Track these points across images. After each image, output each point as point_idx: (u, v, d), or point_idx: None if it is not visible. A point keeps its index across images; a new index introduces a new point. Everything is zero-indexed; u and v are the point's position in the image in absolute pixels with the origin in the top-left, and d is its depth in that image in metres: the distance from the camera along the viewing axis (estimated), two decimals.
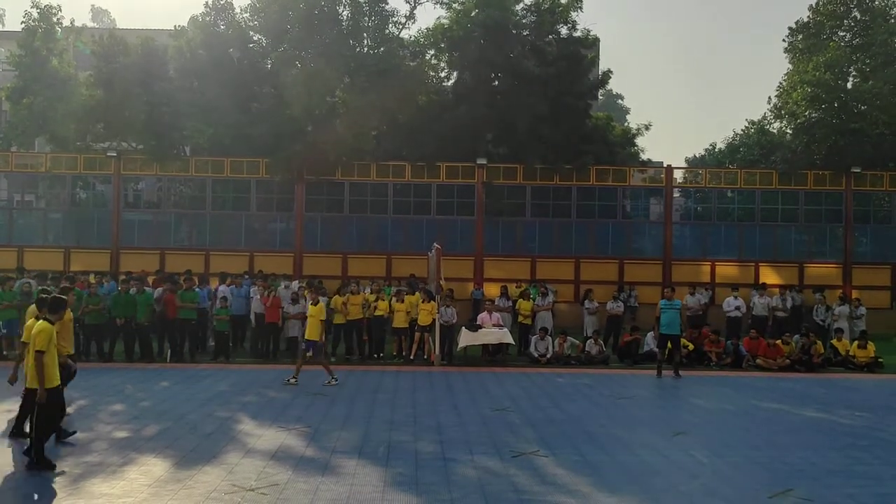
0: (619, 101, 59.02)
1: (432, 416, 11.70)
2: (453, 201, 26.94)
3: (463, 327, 18.48)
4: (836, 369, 18.36)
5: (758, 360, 18.24)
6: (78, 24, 28.80)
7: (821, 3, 30.26)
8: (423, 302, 18.22)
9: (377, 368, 16.90)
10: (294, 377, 14.44)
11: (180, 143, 26.75)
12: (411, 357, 18.18)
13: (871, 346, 18.68)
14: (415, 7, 27.42)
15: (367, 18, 26.62)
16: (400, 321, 18.53)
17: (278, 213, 26.96)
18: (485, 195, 26.63)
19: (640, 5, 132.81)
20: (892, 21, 28.36)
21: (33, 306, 9.71)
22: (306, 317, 15.27)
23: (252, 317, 18.64)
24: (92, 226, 26.83)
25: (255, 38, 26.90)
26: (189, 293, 17.87)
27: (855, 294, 25.14)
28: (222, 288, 19.28)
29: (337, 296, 18.74)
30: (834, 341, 19.54)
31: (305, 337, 15.02)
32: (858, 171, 26.79)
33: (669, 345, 16.89)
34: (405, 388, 14.44)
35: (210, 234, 26.70)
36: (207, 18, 26.22)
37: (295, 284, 20.44)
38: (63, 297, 9.34)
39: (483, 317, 18.91)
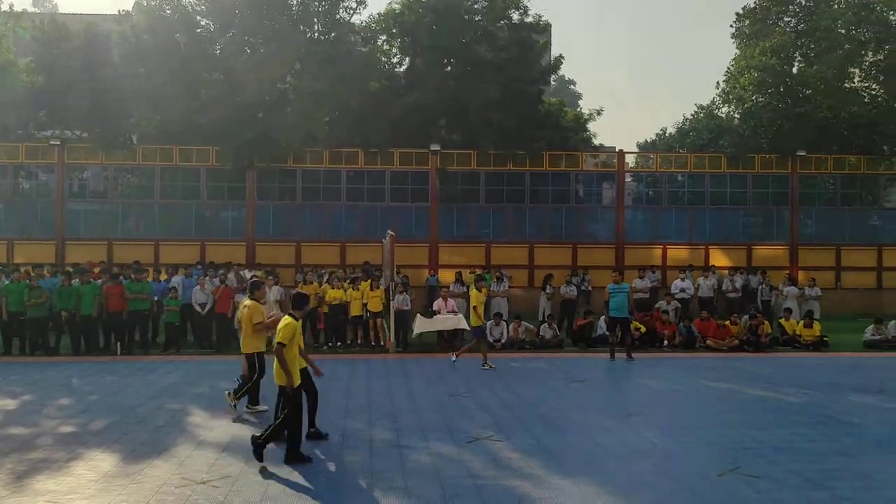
0: (572, 86, 59.49)
1: (387, 403, 11.67)
2: (407, 188, 26.84)
3: (418, 314, 18.47)
4: (784, 349, 18.82)
5: (708, 341, 18.59)
6: (18, 8, 27.84)
7: None
8: (371, 289, 18.22)
9: (332, 357, 16.78)
10: (485, 363, 15.20)
11: (127, 131, 26.11)
12: (375, 344, 18.18)
13: (816, 326, 19.17)
14: None
15: (317, 3, 26.19)
16: (356, 309, 18.43)
17: (230, 202, 26.51)
18: (439, 181, 26.58)
19: None
20: (836, 6, 29.00)
21: None
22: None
23: (197, 307, 18.19)
24: (36, 217, 26.07)
25: (203, 23, 26.29)
26: (138, 284, 17.47)
27: (803, 275, 25.80)
28: (175, 279, 18.94)
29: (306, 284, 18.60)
30: (782, 321, 20.01)
31: (472, 325, 15.81)
32: (804, 154, 27.42)
33: (619, 328, 17.09)
34: (360, 375, 14.38)
35: (159, 224, 26.15)
36: (153, 3, 25.50)
37: (247, 273, 20.14)
38: (305, 294, 9.42)
39: (438, 303, 18.89)
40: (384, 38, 28.33)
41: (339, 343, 18.31)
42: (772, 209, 27.93)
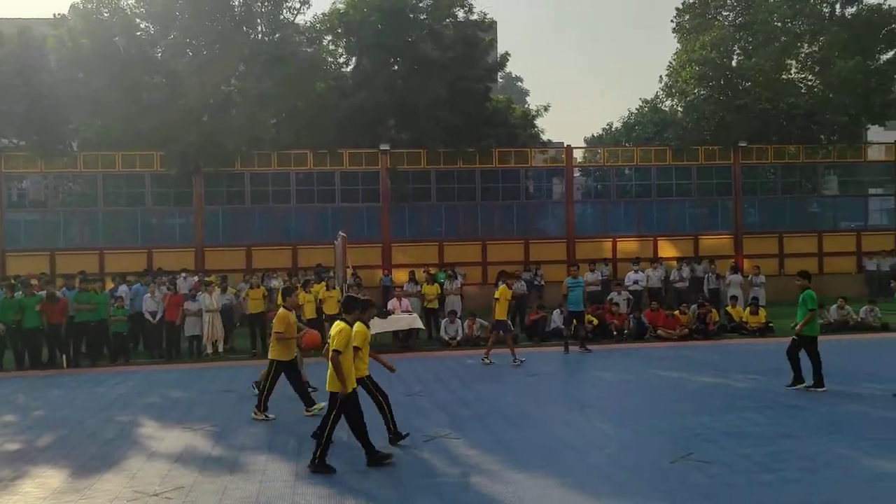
0: (519, 83, 59.89)
1: None
2: (358, 188, 26.71)
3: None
4: (731, 335, 19.28)
5: (658, 331, 18.94)
6: None
7: None
8: (326, 290, 18.07)
9: None
10: (515, 359, 15.18)
11: (66, 138, 25.37)
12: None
13: (762, 312, 19.68)
14: None
15: (260, 4, 25.89)
16: (309, 312, 18.23)
17: (176, 208, 26.01)
18: (389, 181, 26.52)
19: None
20: (772, 0, 29.77)
21: None
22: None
23: (148, 316, 17.80)
24: None
25: (143, 26, 25.75)
26: (85, 294, 17.03)
27: (748, 263, 26.45)
28: (122, 288, 18.52)
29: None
30: (729, 308, 20.49)
31: (496, 318, 15.84)
32: (745, 145, 28.10)
33: (574, 321, 17.32)
34: (316, 379, 14.22)
35: (103, 233, 25.51)
36: (89, 6, 24.88)
37: (190, 280, 19.84)
38: (355, 296, 9.14)
39: (393, 303, 18.87)
40: (329, 38, 28.18)
41: None
42: (716, 199, 28.56)
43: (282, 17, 26.31)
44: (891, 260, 27.22)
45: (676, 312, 19.37)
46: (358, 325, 8.61)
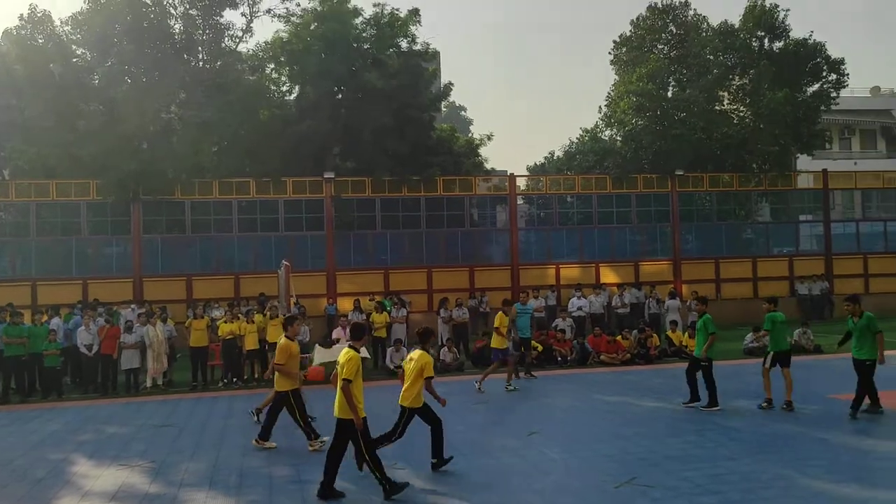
0: (462, 112, 60.56)
1: (287, 437, 11.38)
2: (302, 216, 26.51)
3: (317, 344, 18.14)
4: (672, 359, 19.62)
5: (601, 356, 19.17)
6: None
7: (641, 18, 32.44)
8: (271, 319, 17.79)
9: (227, 394, 16.26)
10: (480, 384, 15.38)
11: None
12: (265, 377, 17.68)
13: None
14: (251, 20, 26.78)
15: (201, 32, 25.71)
16: (251, 343, 17.93)
17: (113, 237, 25.39)
18: (334, 209, 26.41)
19: (479, 20, 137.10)
20: (704, 34, 30.89)
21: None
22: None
23: (83, 350, 17.17)
24: None
25: (79, 52, 25.31)
26: (15, 328, 16.39)
27: (686, 288, 27.06)
28: (55, 321, 17.87)
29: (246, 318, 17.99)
30: (669, 333, 20.89)
31: (492, 346, 15.87)
32: (682, 173, 28.92)
33: (522, 348, 17.42)
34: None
35: (36, 263, 24.67)
36: (23, 32, 24.36)
37: (130, 312, 19.32)
38: (362, 323, 9.00)
39: (338, 332, 18.66)
40: (272, 66, 28.08)
41: (235, 379, 17.75)
42: (655, 226, 29.23)
43: (223, 44, 26.17)
44: (821, 284, 28.24)
45: (618, 338, 19.65)
46: (422, 356, 8.87)
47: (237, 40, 26.72)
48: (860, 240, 30.79)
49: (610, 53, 33.21)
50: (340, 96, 27.25)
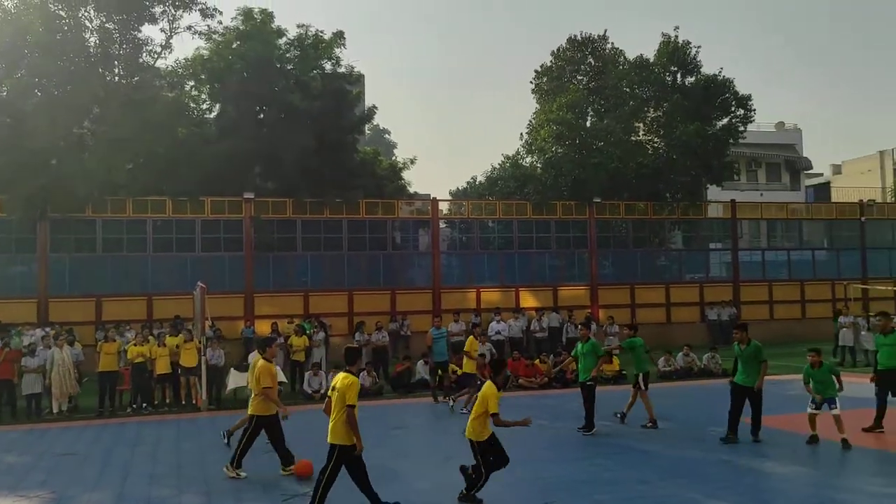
0: (386, 135, 60.69)
1: (198, 465, 11.08)
2: (220, 237, 25.96)
3: (232, 368, 17.74)
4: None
5: (520, 380, 19.39)
6: None
7: (561, 49, 33.40)
8: (185, 342, 17.31)
9: (135, 420, 15.68)
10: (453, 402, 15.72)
11: None
12: (186, 402, 17.20)
13: (615, 360, 20.59)
14: (171, 36, 26.18)
15: (118, 46, 24.99)
16: (163, 366, 17.37)
17: (18, 255, 24.23)
18: (254, 230, 25.97)
19: (404, 43, 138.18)
20: (621, 67, 32.00)
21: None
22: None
23: None
24: None
25: None
26: None
27: (603, 313, 27.72)
28: None
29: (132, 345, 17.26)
30: None
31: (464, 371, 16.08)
32: (599, 201, 29.73)
33: (440, 371, 17.46)
34: (169, 437, 13.56)
35: None
36: None
37: (37, 334, 18.47)
38: (357, 347, 8.84)
39: (254, 355, 18.25)
40: (192, 83, 27.53)
41: (144, 404, 17.14)
42: (573, 252, 29.89)
43: (141, 60, 25.49)
44: (729, 310, 29.40)
45: (536, 361, 19.94)
46: (488, 386, 8.74)
47: (156, 56, 26.07)
48: (766, 268, 32.26)
49: (531, 82, 34.00)
50: (262, 116, 26.92)
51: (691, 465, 10.36)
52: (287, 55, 27.47)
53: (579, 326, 14.22)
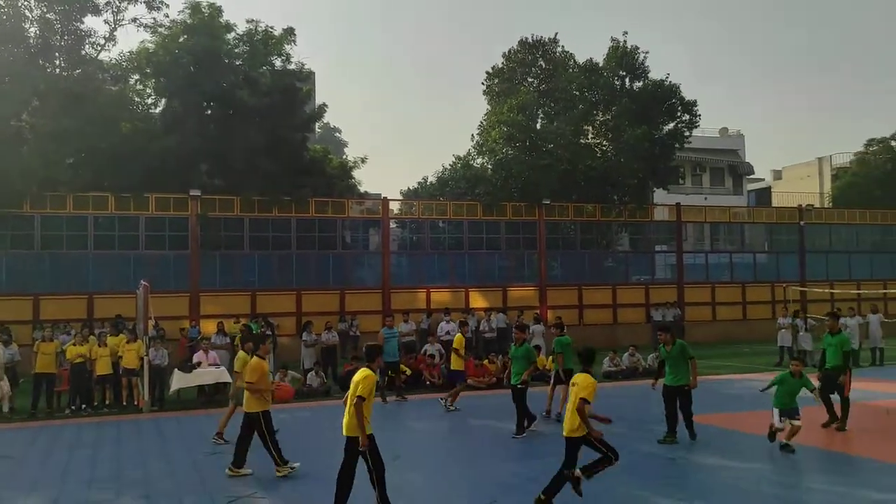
0: (337, 133, 60.29)
1: (139, 467, 10.79)
2: (165, 235, 25.41)
3: (175, 368, 17.39)
4: (536, 383, 20.10)
5: (468, 380, 19.40)
6: None
7: (512, 51, 33.63)
8: (127, 342, 16.87)
9: (74, 422, 15.22)
10: (448, 404, 15.57)
11: None
12: (128, 403, 16.74)
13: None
14: (115, 28, 25.56)
15: (59, 38, 24.28)
16: (103, 367, 16.89)
17: None
18: (200, 228, 25.49)
19: (356, 42, 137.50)
20: (571, 71, 32.38)
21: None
22: None
23: None
24: None
25: None
26: None
27: (551, 313, 27.97)
28: None
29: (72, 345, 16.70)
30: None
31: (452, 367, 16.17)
32: (548, 203, 30.01)
33: (390, 372, 17.40)
34: (109, 439, 13.19)
35: None
36: None
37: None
38: (377, 344, 8.90)
39: (199, 355, 17.94)
40: (137, 77, 26.90)
41: (84, 405, 16.64)
42: (523, 253, 30.12)
43: (83, 52, 24.82)
44: (674, 311, 29.97)
45: (485, 361, 20.00)
46: (586, 378, 8.39)
47: (99, 48, 25.45)
48: (709, 270, 33.00)
49: (483, 84, 34.15)
50: (210, 112, 26.46)
51: (638, 463, 10.50)
52: (236, 50, 27.06)
53: (514, 330, 14.19)
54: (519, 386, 12.89)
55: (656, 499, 8.72)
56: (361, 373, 8.22)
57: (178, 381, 16.89)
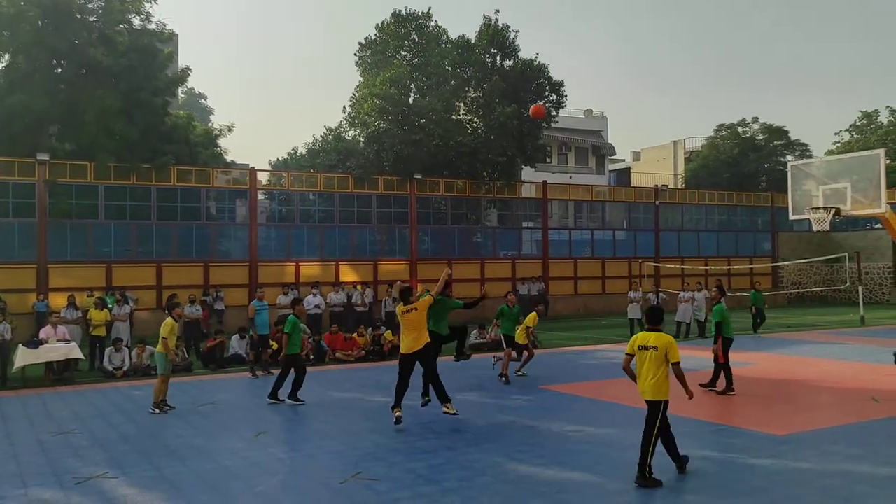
0: (203, 100, 57.81)
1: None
2: (8, 201, 23.59)
3: (20, 345, 16.24)
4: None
5: (337, 353, 19.34)
6: None
7: (385, 23, 33.31)
8: None
9: None
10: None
11: None
12: None
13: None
14: None
15: None
16: None
17: None
18: (48, 195, 23.80)
19: (224, 5, 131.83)
20: (444, 46, 32.48)
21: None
22: None
23: None
24: None
25: None
26: None
27: (420, 287, 28.16)
28: None
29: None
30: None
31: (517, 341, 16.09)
32: (420, 177, 30.15)
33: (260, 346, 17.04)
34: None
35: None
36: None
37: None
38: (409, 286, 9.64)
39: (47, 331, 16.83)
40: None
41: None
42: (394, 227, 30.18)
43: None
44: (538, 285, 31.01)
45: (354, 335, 19.97)
46: (668, 338, 8.12)
47: None
48: (572, 246, 34.34)
49: (355, 55, 33.68)
50: (60, 71, 24.66)
51: (499, 432, 10.82)
52: (89, 6, 25.29)
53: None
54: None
55: (512, 464, 9.01)
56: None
57: (23, 357, 15.81)
